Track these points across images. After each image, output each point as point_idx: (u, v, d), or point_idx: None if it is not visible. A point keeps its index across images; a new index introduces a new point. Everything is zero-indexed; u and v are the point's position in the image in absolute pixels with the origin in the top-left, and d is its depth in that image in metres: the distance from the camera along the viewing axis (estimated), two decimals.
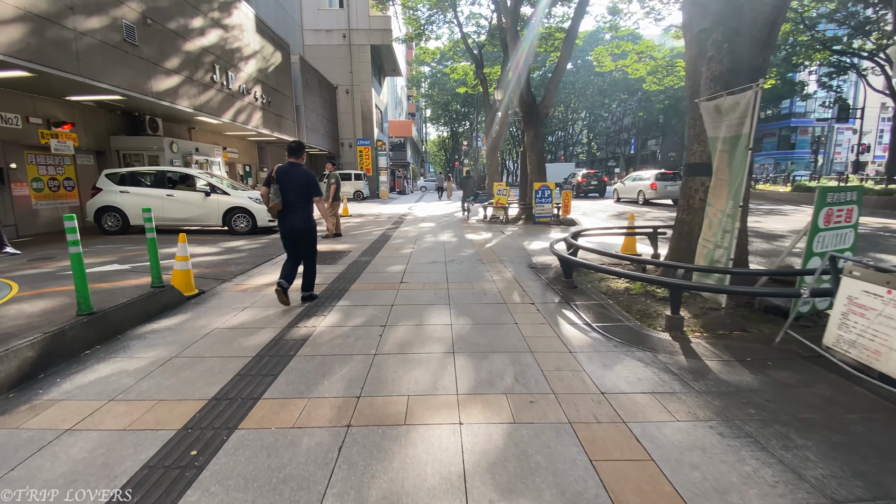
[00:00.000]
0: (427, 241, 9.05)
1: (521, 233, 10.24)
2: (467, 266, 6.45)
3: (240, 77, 14.48)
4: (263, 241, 8.97)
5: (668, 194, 17.67)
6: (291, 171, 4.30)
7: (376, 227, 11.43)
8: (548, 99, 12.87)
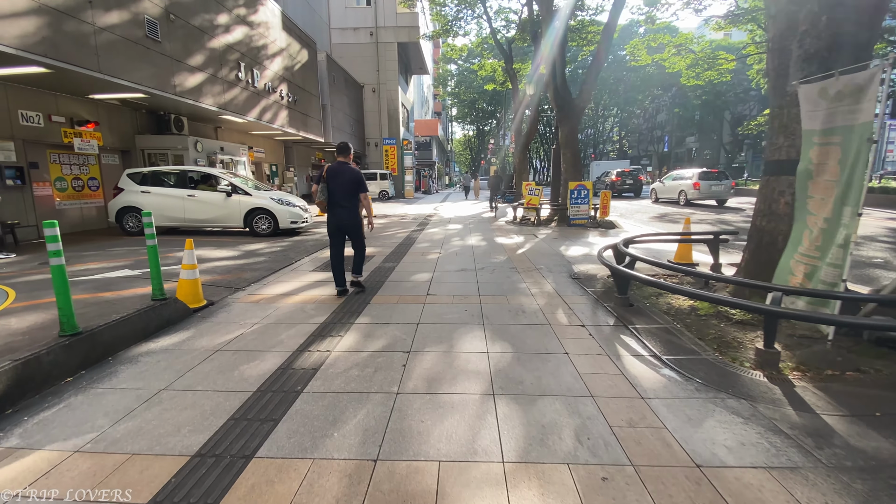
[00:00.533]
0: (454, 244, 8.44)
1: (556, 236, 9.50)
2: (500, 275, 5.80)
3: (265, 75, 14.24)
4: (284, 243, 8.57)
5: (713, 195, 16.47)
6: (340, 170, 4.65)
7: (401, 230, 10.91)
8: (585, 93, 12.05)
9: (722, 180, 16.39)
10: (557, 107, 12.15)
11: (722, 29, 26.93)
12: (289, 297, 4.80)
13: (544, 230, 10.67)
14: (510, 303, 4.55)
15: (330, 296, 4.87)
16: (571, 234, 9.90)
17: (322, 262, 6.71)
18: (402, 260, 6.85)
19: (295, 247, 8.17)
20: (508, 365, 3.06)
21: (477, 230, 10.75)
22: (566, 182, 12.33)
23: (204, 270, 6.01)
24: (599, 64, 11.81)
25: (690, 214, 13.93)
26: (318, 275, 5.88)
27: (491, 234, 10.06)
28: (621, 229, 10.53)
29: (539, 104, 21.57)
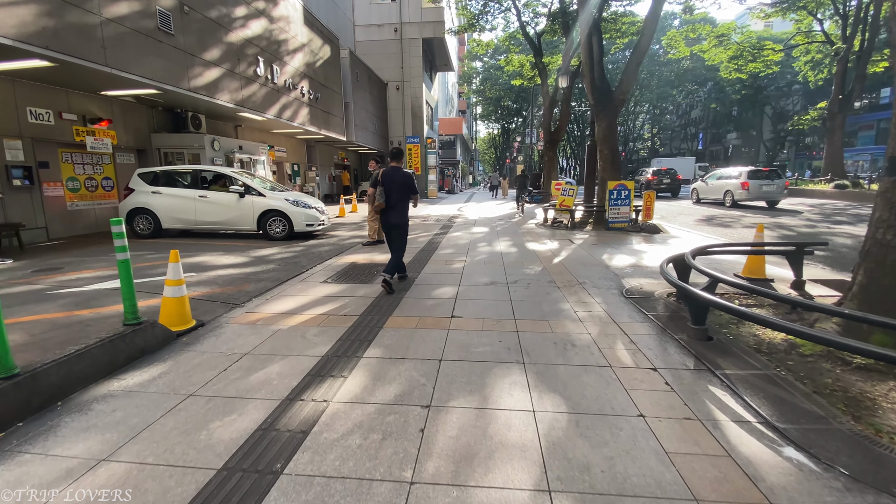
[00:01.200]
0: (481, 251, 7.63)
1: (595, 242, 8.56)
2: (537, 291, 4.97)
3: (286, 71, 13.77)
4: (297, 248, 7.95)
5: (763, 195, 15.06)
6: (394, 174, 5.00)
7: (423, 232, 10.17)
8: (625, 83, 11.02)
9: (774, 179, 14.97)
10: (594, 99, 11.16)
11: (769, 17, 25.12)
12: (291, 317, 4.11)
13: (580, 234, 9.73)
14: (554, 331, 3.72)
15: (339, 315, 4.16)
16: (611, 239, 8.94)
17: (336, 270, 6.03)
18: (424, 270, 6.09)
19: (308, 252, 7.54)
20: (565, 435, 2.24)
21: (505, 234, 9.90)
22: (603, 181, 11.34)
23: (203, 281, 5.42)
24: (643, 50, 10.74)
25: (741, 217, 12.67)
26: (328, 287, 5.18)
27: (521, 238, 9.20)
28: (667, 234, 9.49)
29: (570, 98, 20.48)
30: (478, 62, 56.10)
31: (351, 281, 5.47)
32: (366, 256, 7.06)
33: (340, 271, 5.99)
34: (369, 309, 4.34)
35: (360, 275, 5.78)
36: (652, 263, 6.42)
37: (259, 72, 12.09)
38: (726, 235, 9.46)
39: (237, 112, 11.77)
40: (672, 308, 4.29)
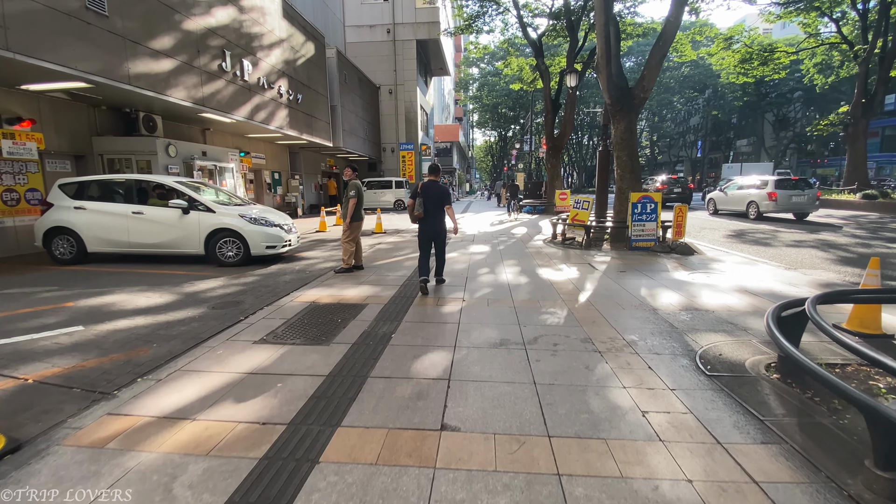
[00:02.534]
0: (483, 282, 6.02)
1: (621, 267, 6.97)
2: (571, 361, 3.35)
3: (260, 68, 12.23)
4: (250, 278, 6.32)
5: (793, 207, 13.58)
6: (432, 187, 5.35)
7: (412, 253, 8.56)
8: (647, 79, 9.53)
9: (804, 189, 13.49)
10: (611, 97, 9.66)
11: (780, 18, 23.88)
12: (173, 430, 2.46)
13: (599, 256, 8.14)
14: (624, 471, 2.09)
15: (255, 423, 2.52)
16: (639, 263, 7.35)
17: (285, 318, 4.39)
18: (405, 318, 4.46)
19: (261, 285, 5.90)
20: None
21: (510, 254, 8.31)
22: (620, 192, 9.80)
23: (83, 344, 3.78)
24: (669, 38, 9.26)
25: (776, 232, 11.15)
26: (262, 353, 3.54)
27: (530, 261, 7.60)
28: (704, 256, 7.92)
29: (575, 101, 19.05)
30: (474, 68, 54.98)
31: (299, 339, 3.83)
32: (333, 292, 5.43)
33: (291, 320, 4.36)
34: (311, 406, 2.70)
35: (316, 326, 4.15)
36: (710, 303, 4.84)
37: (225, 66, 10.53)
38: (772, 256, 7.90)
39: (198, 112, 10.18)
40: (793, 401, 2.68)
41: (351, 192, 6.51)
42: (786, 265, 7.09)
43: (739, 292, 5.34)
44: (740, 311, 4.60)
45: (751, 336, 3.87)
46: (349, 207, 6.48)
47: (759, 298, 5.05)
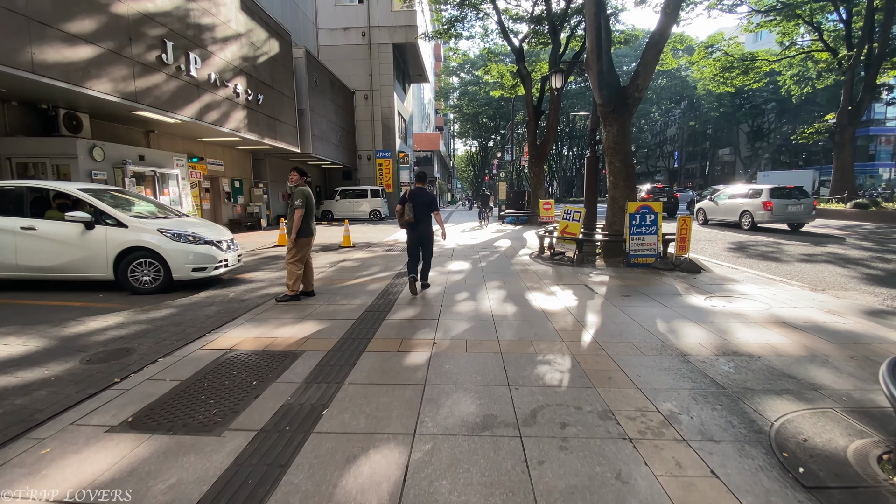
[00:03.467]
0: (461, 313, 4.83)
1: (624, 289, 5.89)
2: (590, 461, 2.17)
3: (212, 63, 10.90)
4: (161, 313, 4.97)
5: (789, 217, 12.87)
6: (420, 194, 5.60)
7: (380, 273, 7.33)
8: (642, 77, 8.60)
9: (800, 199, 12.82)
10: (603, 97, 8.70)
11: (761, 27, 23.76)
12: None
13: (594, 274, 7.05)
14: None
15: None
16: (641, 282, 6.28)
17: (185, 375, 3.10)
18: (351, 375, 3.21)
19: (170, 324, 4.57)
20: None
21: (494, 272, 7.15)
22: (614, 201, 8.81)
23: None
24: (665, 30, 8.39)
25: (779, 245, 10.32)
26: (115, 450, 2.25)
27: (517, 282, 6.46)
28: (714, 274, 6.91)
29: (559, 106, 18.23)
30: (454, 78, 54.43)
31: (181, 421, 2.55)
32: (263, 333, 4.15)
33: (186, 383, 3.07)
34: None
35: (217, 394, 2.87)
36: (749, 342, 3.76)
37: (166, 59, 9.19)
38: (788, 274, 6.96)
39: (132, 110, 8.79)
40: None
41: (297, 200, 5.26)
42: (810, 286, 6.13)
43: (777, 325, 4.29)
44: (792, 354, 3.52)
45: (827, 398, 2.78)
46: (295, 220, 5.23)
47: (805, 334, 4.00)
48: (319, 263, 8.34)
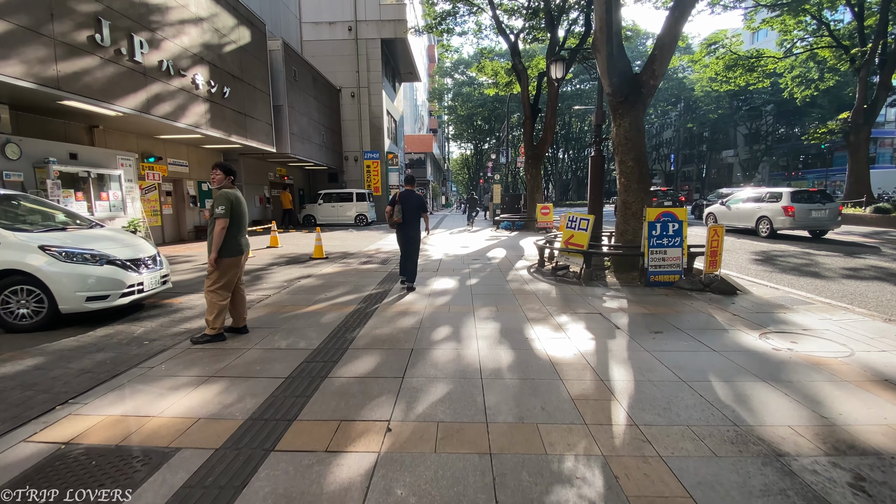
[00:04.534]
0: (437, 363, 3.50)
1: (651, 320, 4.58)
2: None
3: (164, 49, 9.54)
4: (20, 365, 3.61)
5: (812, 223, 11.66)
6: (410, 196, 5.96)
7: (345, 295, 5.98)
8: (658, 61, 7.34)
9: (825, 203, 11.63)
10: (613, 85, 7.45)
11: (766, 24, 22.72)
12: None
13: (608, 297, 5.75)
14: None
15: None
16: (670, 310, 4.98)
17: None
18: (250, 487, 1.88)
19: (19, 385, 3.20)
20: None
21: (485, 295, 5.83)
22: (626, 206, 7.54)
23: None
24: (687, 8, 7.15)
25: (811, 255, 9.07)
26: None
27: (514, 309, 5.13)
28: (752, 296, 5.62)
29: (557, 101, 16.98)
30: (448, 79, 53.26)
31: None
32: (133, 409, 2.79)
33: None
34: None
35: None
36: (859, 419, 2.45)
37: (101, 40, 7.83)
38: (843, 296, 5.68)
39: (56, 99, 7.41)
40: None
41: (219, 207, 3.90)
42: (880, 314, 4.85)
43: (880, 385, 3.00)
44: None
45: None
46: (215, 235, 3.88)
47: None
48: (275, 281, 6.97)
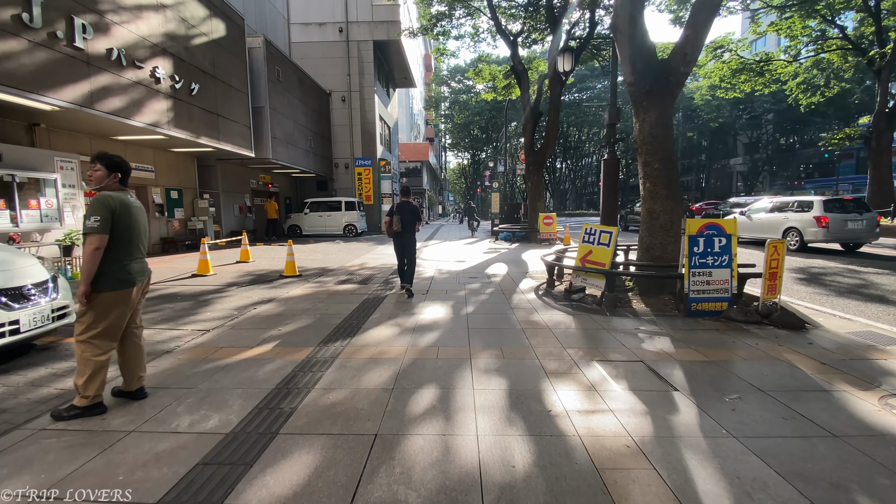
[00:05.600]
0: (413, 465, 2.20)
1: (713, 371, 3.30)
2: None
3: (114, 35, 8.32)
4: None
5: (848, 236, 10.45)
6: (407, 206, 6.34)
7: (301, 333, 4.67)
8: (690, 44, 6.17)
9: (862, 213, 10.44)
10: (636, 74, 6.27)
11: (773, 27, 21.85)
12: None
13: (643, 331, 4.45)
14: None
15: None
16: (730, 353, 3.68)
17: None
18: None
19: None
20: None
21: (486, 332, 4.53)
22: (651, 217, 6.30)
23: None
24: None
25: (853, 271, 7.83)
26: None
27: (524, 354, 3.83)
28: (826, 332, 4.35)
29: (560, 101, 15.87)
30: (444, 87, 52.48)
31: None
32: None
33: None
34: None
35: None
36: None
37: (30, 20, 6.58)
38: None
39: None
40: None
41: (91, 218, 2.61)
42: None
43: None
44: None
45: None
46: (87, 258, 2.59)
47: None
48: (223, 309, 5.64)
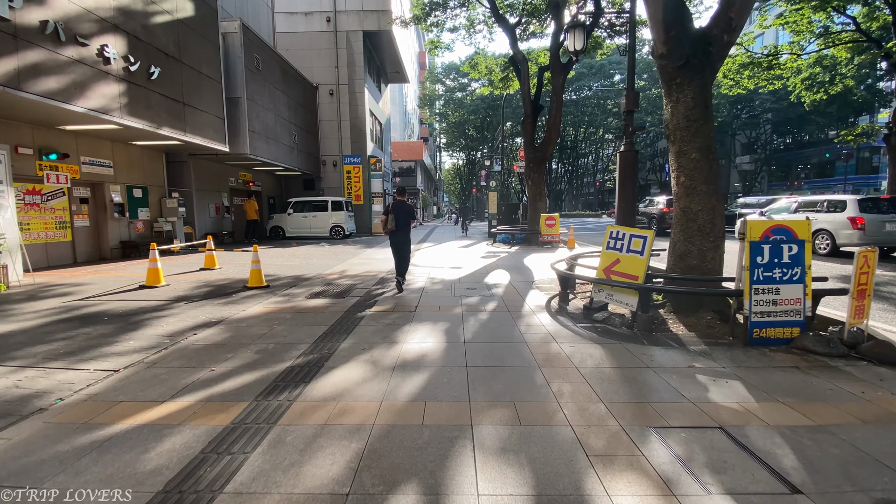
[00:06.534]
0: None
1: (819, 435, 2.17)
2: None
3: (50, 4, 7.07)
4: None
5: (885, 239, 9.40)
6: (401, 205, 6.61)
7: (240, 376, 3.48)
8: (737, 8, 5.04)
9: None
10: (668, 45, 5.15)
11: (780, 20, 20.98)
12: None
13: (700, 370, 3.30)
14: None
15: None
16: (836, 410, 2.53)
17: None
18: None
19: None
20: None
21: (490, 370, 3.38)
22: (686, 217, 5.18)
23: None
24: None
25: None
26: None
27: (549, 413, 2.68)
28: None
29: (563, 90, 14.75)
30: (439, 85, 51.37)
31: None
32: None
33: None
34: None
35: None
36: None
37: None
38: None
39: None
40: None
41: None
42: None
43: None
44: None
45: None
46: None
47: None
48: (150, 336, 4.42)
